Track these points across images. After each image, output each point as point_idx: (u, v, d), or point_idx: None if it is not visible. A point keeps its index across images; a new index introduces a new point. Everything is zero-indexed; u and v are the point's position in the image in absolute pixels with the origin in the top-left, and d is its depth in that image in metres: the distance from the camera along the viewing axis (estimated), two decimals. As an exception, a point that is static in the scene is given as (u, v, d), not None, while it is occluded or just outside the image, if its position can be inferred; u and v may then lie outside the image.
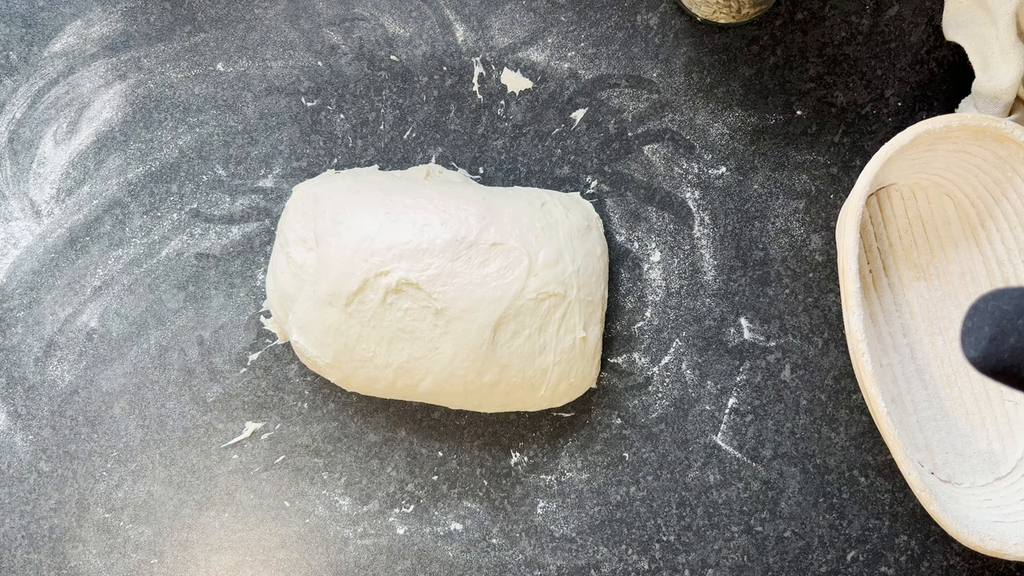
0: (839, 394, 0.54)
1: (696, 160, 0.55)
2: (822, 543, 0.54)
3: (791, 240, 0.55)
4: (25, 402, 0.54)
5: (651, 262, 0.55)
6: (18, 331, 0.55)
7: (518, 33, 0.56)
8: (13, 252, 0.55)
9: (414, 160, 0.56)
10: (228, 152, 0.56)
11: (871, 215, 0.55)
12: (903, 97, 0.56)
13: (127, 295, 0.55)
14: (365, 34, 0.56)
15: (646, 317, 0.55)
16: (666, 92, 0.56)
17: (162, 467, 0.54)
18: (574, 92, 0.56)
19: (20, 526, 0.54)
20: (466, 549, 0.54)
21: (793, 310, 0.55)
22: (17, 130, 0.55)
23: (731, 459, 0.54)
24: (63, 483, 0.54)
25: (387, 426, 0.54)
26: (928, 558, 0.54)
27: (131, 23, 0.56)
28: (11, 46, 0.55)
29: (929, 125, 0.48)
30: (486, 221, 0.49)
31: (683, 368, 0.55)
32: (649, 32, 0.56)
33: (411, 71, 0.56)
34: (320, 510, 0.54)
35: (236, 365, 0.55)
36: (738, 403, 0.54)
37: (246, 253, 0.55)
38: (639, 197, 0.55)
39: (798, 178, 0.55)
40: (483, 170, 0.56)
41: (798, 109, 0.56)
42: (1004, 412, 0.54)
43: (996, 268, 0.54)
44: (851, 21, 0.56)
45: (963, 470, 0.53)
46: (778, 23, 0.56)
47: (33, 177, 0.55)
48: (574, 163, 0.55)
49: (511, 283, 0.48)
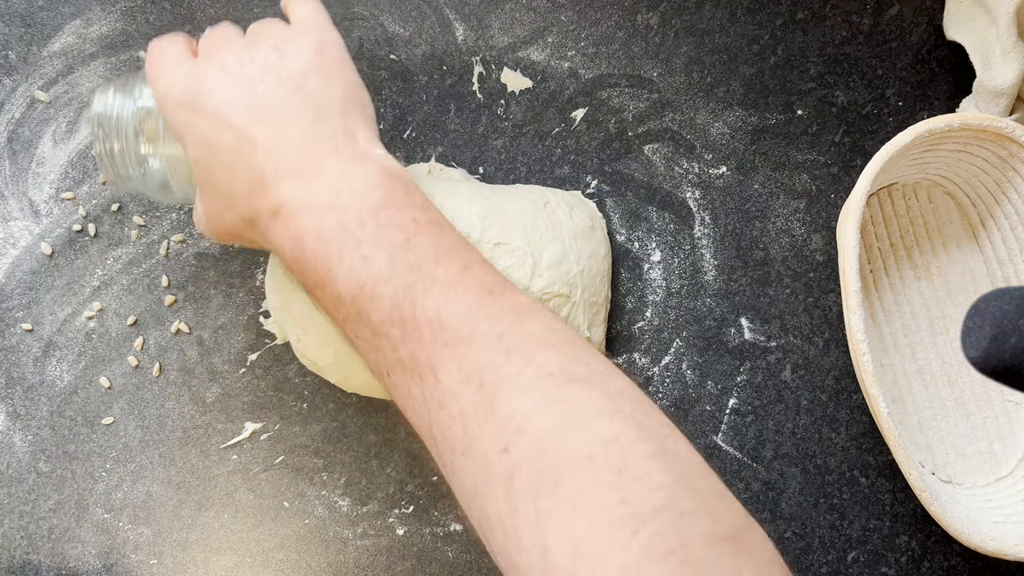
0: (840, 394, 0.54)
1: (696, 160, 0.55)
2: (822, 544, 0.54)
3: (792, 240, 0.55)
4: (24, 402, 0.54)
5: (651, 262, 0.55)
6: (17, 331, 0.55)
7: (518, 32, 0.56)
8: (12, 252, 0.55)
9: (414, 159, 0.56)
10: (228, 152, 0.55)
11: (872, 215, 0.55)
12: (904, 97, 0.56)
13: (126, 295, 0.55)
14: (365, 33, 0.56)
15: (646, 317, 0.55)
16: (666, 92, 0.56)
17: (161, 467, 0.54)
18: (574, 92, 0.56)
19: (19, 526, 0.54)
20: (466, 549, 0.54)
21: (794, 310, 0.55)
22: (16, 130, 0.55)
23: (731, 459, 0.54)
24: (62, 483, 0.54)
25: (387, 426, 0.54)
26: (929, 559, 0.54)
27: (130, 23, 0.56)
28: (10, 46, 0.55)
29: (930, 125, 0.48)
30: (489, 220, 0.48)
31: (683, 368, 0.55)
32: (649, 32, 0.56)
33: (411, 70, 0.56)
34: (320, 510, 0.54)
35: (235, 365, 0.54)
36: (738, 403, 0.54)
37: (246, 253, 0.55)
38: (639, 197, 0.55)
39: (799, 178, 0.55)
40: (483, 169, 0.55)
41: (799, 109, 0.55)
42: (1004, 412, 0.54)
43: (997, 268, 0.54)
44: (852, 21, 0.56)
45: (964, 470, 0.53)
46: (778, 23, 0.56)
47: (32, 177, 0.55)
48: (574, 163, 0.55)
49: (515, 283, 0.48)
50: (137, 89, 0.44)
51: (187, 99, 0.39)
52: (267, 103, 0.38)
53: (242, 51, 0.40)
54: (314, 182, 0.37)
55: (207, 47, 0.42)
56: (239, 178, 0.39)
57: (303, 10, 0.43)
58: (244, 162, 0.38)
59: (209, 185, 0.40)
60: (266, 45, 0.40)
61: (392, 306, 0.36)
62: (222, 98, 0.39)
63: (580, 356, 0.34)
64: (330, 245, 0.37)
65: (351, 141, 0.39)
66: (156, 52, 0.42)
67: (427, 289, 0.35)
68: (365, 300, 0.36)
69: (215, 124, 0.39)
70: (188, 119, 0.39)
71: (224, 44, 0.41)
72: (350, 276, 0.36)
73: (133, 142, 0.44)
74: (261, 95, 0.39)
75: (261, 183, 0.38)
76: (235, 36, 0.42)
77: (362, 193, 0.37)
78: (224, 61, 0.40)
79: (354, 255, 0.36)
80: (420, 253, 0.36)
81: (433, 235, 0.37)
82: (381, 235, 0.36)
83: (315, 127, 0.39)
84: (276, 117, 0.38)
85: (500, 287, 0.36)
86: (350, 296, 0.37)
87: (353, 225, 0.37)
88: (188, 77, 0.40)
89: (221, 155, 0.39)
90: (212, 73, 0.39)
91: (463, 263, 0.37)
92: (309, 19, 0.42)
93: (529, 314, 0.35)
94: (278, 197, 0.38)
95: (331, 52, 0.41)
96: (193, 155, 0.40)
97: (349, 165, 0.38)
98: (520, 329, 0.35)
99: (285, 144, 0.38)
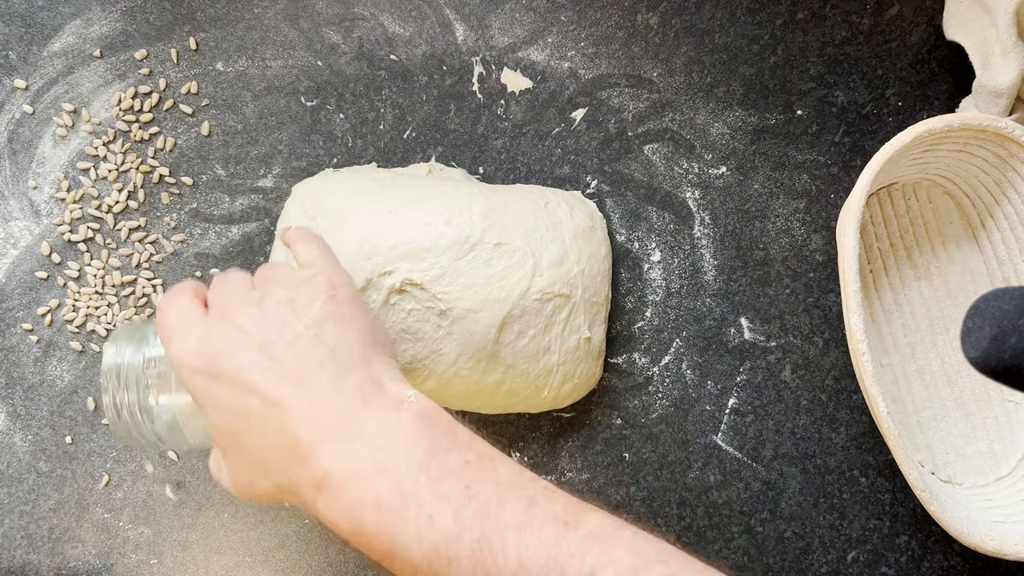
0: (839, 394, 0.54)
1: (696, 160, 0.55)
2: (822, 543, 0.54)
3: (791, 240, 0.55)
4: (24, 402, 0.54)
5: (651, 262, 0.55)
6: (17, 331, 0.54)
7: (518, 32, 0.56)
8: (12, 252, 0.55)
9: (414, 160, 0.56)
10: (227, 152, 0.55)
11: (872, 215, 0.55)
12: (904, 97, 0.56)
13: (127, 295, 0.55)
14: (365, 33, 0.56)
15: (646, 317, 0.55)
16: (666, 92, 0.56)
17: (161, 468, 0.54)
18: (574, 92, 0.56)
19: (19, 526, 0.54)
20: (466, 549, 0.54)
21: (793, 310, 0.55)
22: (16, 130, 0.55)
23: (731, 459, 0.54)
24: (62, 483, 0.54)
25: (387, 426, 0.54)
26: (928, 558, 0.54)
27: (130, 23, 0.56)
28: (10, 46, 0.55)
29: (930, 125, 0.48)
30: (490, 220, 0.48)
31: (683, 368, 0.55)
32: (649, 32, 0.56)
33: (411, 70, 0.56)
34: (320, 510, 0.54)
35: (236, 365, 0.54)
36: (738, 403, 0.54)
37: (246, 253, 0.55)
38: (639, 197, 0.55)
39: (798, 178, 0.55)
40: (483, 169, 0.56)
41: (798, 109, 0.55)
42: (1004, 412, 0.54)
43: (996, 268, 0.54)
44: (852, 21, 0.56)
45: (963, 470, 0.53)
46: (778, 23, 0.56)
47: (32, 177, 0.55)
48: (574, 163, 0.55)
49: (516, 283, 0.48)
50: (148, 338, 0.42)
51: (203, 366, 0.37)
52: (289, 363, 0.37)
53: (254, 307, 0.38)
54: (355, 445, 0.36)
55: (217, 303, 0.40)
56: (272, 446, 0.37)
57: (307, 252, 0.42)
58: (273, 428, 0.36)
59: (236, 451, 0.38)
60: (277, 296, 0.39)
61: (474, 564, 0.34)
62: (241, 362, 0.37)
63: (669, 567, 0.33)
64: (391, 513, 0.35)
65: (380, 391, 0.37)
66: (166, 310, 0.40)
67: (503, 539, 0.34)
68: (443, 564, 0.34)
69: (237, 391, 0.37)
70: (207, 387, 0.38)
71: (234, 299, 0.39)
72: (421, 541, 0.34)
73: (144, 393, 0.42)
74: (281, 355, 0.37)
75: (298, 452, 0.36)
76: (245, 288, 0.40)
77: (405, 447, 0.35)
78: (237, 319, 0.38)
79: (419, 518, 0.34)
80: (483, 499, 0.35)
81: (490, 473, 0.36)
82: (439, 489, 0.35)
83: (341, 382, 0.37)
84: (300, 378, 0.37)
85: (573, 515, 0.35)
86: (426, 562, 0.34)
87: (408, 485, 0.35)
88: (202, 342, 0.38)
89: (247, 422, 0.37)
90: (226, 334, 0.38)
91: (528, 499, 0.35)
92: (316, 261, 0.41)
93: (611, 539, 0.34)
94: (319, 468, 0.35)
95: (343, 295, 0.39)
96: (215, 422, 0.38)
97: (384, 417, 0.36)
98: (608, 560, 0.33)
99: (315, 407, 0.36)
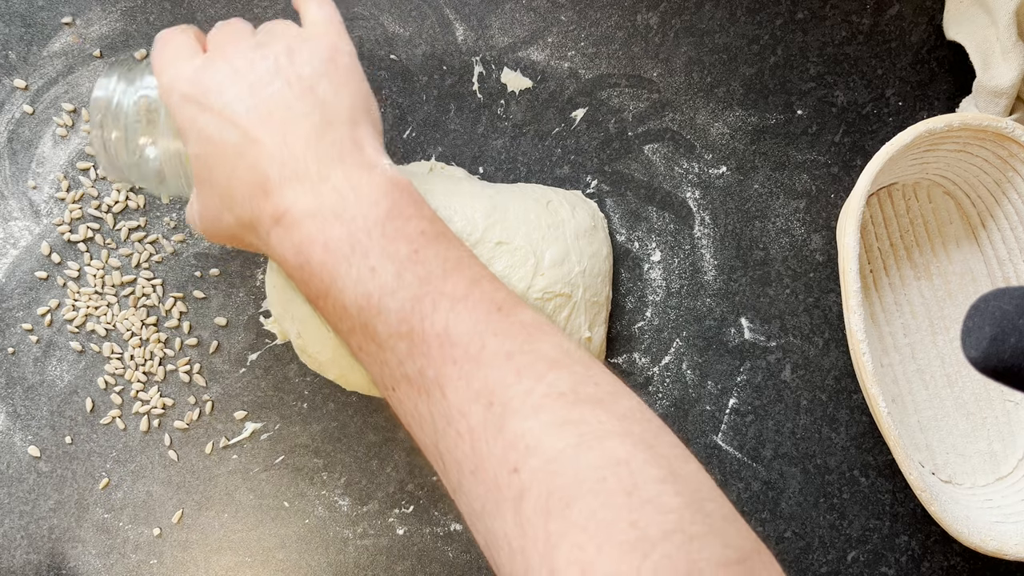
0: (840, 394, 0.54)
1: (696, 160, 0.55)
2: (822, 543, 0.54)
3: (791, 240, 0.55)
4: (24, 402, 0.54)
5: (651, 262, 0.55)
6: (17, 331, 0.55)
7: (518, 32, 0.56)
8: (12, 252, 0.55)
9: (414, 159, 0.56)
10: (228, 152, 0.55)
11: (872, 215, 0.55)
12: (904, 96, 0.56)
13: (126, 295, 0.55)
14: (365, 33, 0.56)
15: (646, 317, 0.55)
16: (666, 92, 0.56)
17: (161, 467, 0.54)
18: (574, 92, 0.56)
19: (20, 526, 0.54)
20: (466, 549, 0.54)
21: (793, 310, 0.55)
22: (16, 130, 0.55)
23: (731, 459, 0.54)
24: (62, 483, 0.54)
25: (387, 426, 0.54)
26: (928, 558, 0.54)
27: (131, 23, 0.56)
28: (10, 46, 0.55)
29: (930, 125, 0.48)
30: (492, 219, 0.48)
31: (683, 368, 0.55)
32: (649, 32, 0.56)
33: (411, 70, 0.56)
34: (320, 510, 0.54)
35: (235, 365, 0.54)
36: (738, 403, 0.54)
37: (245, 253, 0.55)
38: (639, 197, 0.55)
39: (799, 178, 0.55)
40: (483, 169, 0.55)
41: (798, 109, 0.55)
42: (1004, 412, 0.54)
43: (997, 268, 0.54)
44: (852, 20, 0.56)
45: (964, 470, 0.53)
46: (778, 23, 0.56)
47: (32, 177, 0.55)
48: (574, 163, 0.55)
49: (517, 282, 0.48)
50: (141, 77, 0.44)
51: (193, 94, 0.39)
52: (275, 106, 0.38)
53: (252, 50, 0.39)
54: (320, 189, 0.37)
55: (217, 42, 0.41)
56: (241, 179, 0.38)
57: (318, 13, 0.42)
58: (247, 163, 0.38)
59: (208, 183, 0.40)
60: (277, 46, 0.40)
61: (400, 319, 0.35)
62: (229, 96, 0.38)
63: (590, 376, 0.34)
64: (337, 255, 0.36)
65: (358, 150, 0.38)
66: (164, 42, 0.41)
67: (436, 303, 0.35)
68: (372, 312, 0.36)
69: (220, 122, 0.38)
70: (192, 114, 0.39)
71: (234, 41, 0.40)
72: (357, 287, 0.36)
73: (132, 131, 0.43)
74: (269, 97, 0.38)
75: (264, 186, 0.37)
76: (246, 33, 0.41)
77: (369, 203, 0.37)
78: (233, 59, 0.39)
79: (362, 266, 0.36)
80: (428, 266, 0.36)
81: (441, 248, 0.37)
82: (388, 246, 0.36)
83: (322, 134, 0.38)
84: (283, 120, 0.38)
85: (509, 304, 0.36)
86: (356, 308, 0.36)
87: (361, 235, 0.36)
88: (196, 71, 0.39)
89: (224, 153, 0.38)
90: (221, 70, 0.39)
91: (472, 277, 0.36)
92: (323, 23, 0.42)
93: (539, 332, 0.35)
94: (282, 202, 0.37)
95: (343, 60, 0.40)
96: (194, 151, 0.39)
97: (356, 173, 0.37)
98: (530, 348, 0.34)
99: (291, 148, 0.37)
